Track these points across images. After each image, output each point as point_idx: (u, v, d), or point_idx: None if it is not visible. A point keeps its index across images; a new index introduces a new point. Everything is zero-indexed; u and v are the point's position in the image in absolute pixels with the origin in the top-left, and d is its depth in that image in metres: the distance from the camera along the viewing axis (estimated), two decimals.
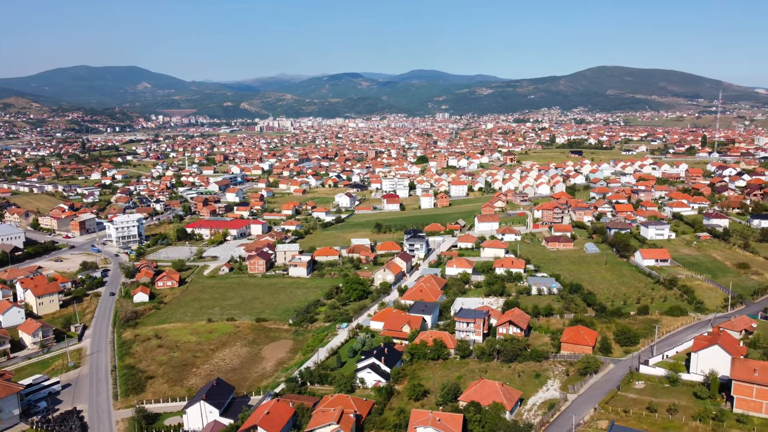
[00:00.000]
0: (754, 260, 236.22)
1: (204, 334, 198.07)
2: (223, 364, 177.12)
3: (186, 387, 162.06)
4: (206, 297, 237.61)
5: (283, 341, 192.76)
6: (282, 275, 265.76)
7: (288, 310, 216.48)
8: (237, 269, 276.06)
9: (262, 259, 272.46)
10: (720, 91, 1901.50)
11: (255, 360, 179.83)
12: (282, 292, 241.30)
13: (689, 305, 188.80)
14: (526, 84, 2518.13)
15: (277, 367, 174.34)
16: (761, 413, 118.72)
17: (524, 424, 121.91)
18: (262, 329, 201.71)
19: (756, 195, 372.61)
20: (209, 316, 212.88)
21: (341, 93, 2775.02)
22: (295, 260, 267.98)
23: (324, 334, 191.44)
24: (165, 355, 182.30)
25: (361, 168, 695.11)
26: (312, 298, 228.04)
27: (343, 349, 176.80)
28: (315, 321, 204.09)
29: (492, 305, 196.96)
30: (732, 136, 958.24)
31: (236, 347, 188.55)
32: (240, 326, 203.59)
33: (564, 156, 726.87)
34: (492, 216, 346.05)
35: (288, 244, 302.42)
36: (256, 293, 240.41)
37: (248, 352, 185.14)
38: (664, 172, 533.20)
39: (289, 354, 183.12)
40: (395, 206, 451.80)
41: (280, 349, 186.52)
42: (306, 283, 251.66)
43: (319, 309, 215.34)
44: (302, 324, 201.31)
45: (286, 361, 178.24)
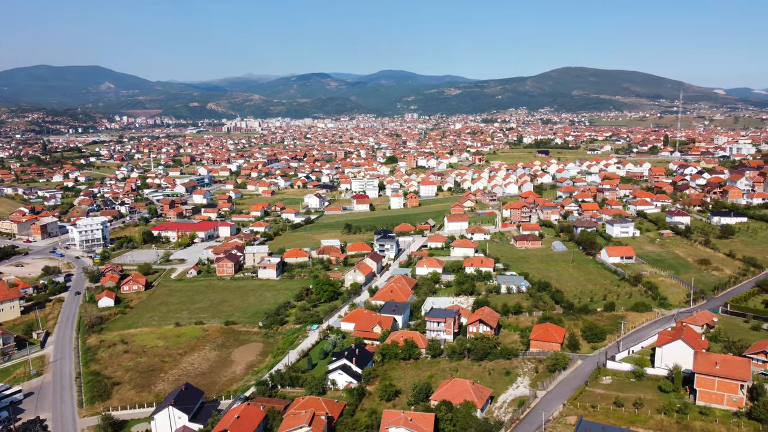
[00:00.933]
0: (714, 256, 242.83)
1: (172, 338, 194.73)
2: (192, 368, 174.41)
3: (154, 393, 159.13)
4: (174, 301, 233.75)
5: (253, 344, 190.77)
6: (251, 277, 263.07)
7: (258, 312, 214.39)
8: (205, 272, 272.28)
9: (231, 262, 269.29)
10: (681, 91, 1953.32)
11: (224, 364, 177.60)
12: (251, 294, 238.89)
13: (653, 301, 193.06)
14: (493, 84, 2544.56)
15: (247, 370, 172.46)
16: (722, 405, 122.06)
17: (495, 421, 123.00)
18: (231, 332, 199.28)
19: (715, 193, 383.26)
20: (177, 320, 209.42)
21: (310, 93, 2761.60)
22: (264, 262, 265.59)
23: (294, 336, 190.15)
24: (132, 361, 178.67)
25: (330, 168, 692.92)
26: (282, 300, 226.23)
27: (313, 350, 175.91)
28: (285, 323, 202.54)
29: (462, 304, 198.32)
30: (692, 135, 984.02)
31: (205, 351, 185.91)
32: (209, 330, 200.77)
33: (531, 156, 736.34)
34: (461, 216, 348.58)
35: (257, 246, 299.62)
36: (225, 296, 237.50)
37: (217, 356, 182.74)
38: (628, 171, 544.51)
39: (259, 357, 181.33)
40: (365, 207, 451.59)
41: (250, 352, 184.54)
42: (276, 285, 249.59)
43: (290, 311, 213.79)
44: (272, 326, 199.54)
45: (256, 364, 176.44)
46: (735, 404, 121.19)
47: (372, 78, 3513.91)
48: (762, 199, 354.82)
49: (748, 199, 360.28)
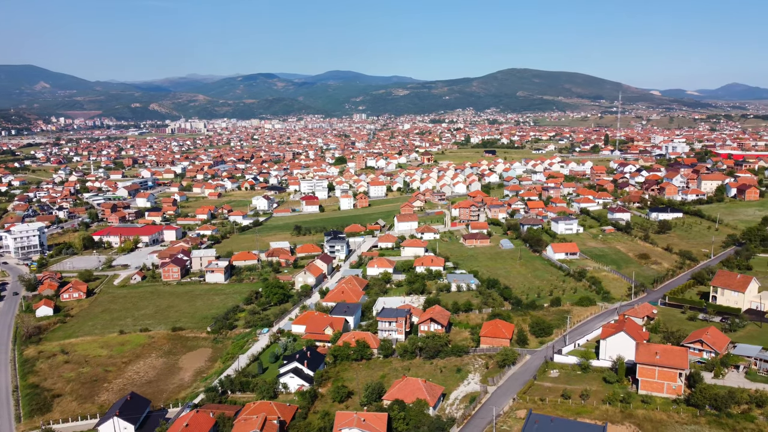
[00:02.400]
0: (653, 251, 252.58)
1: (116, 346, 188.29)
2: (138, 377, 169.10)
3: (97, 404, 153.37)
4: (117, 308, 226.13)
5: (201, 350, 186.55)
6: (198, 282, 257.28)
7: (206, 317, 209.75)
8: (150, 277, 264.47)
9: (177, 266, 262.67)
10: (619, 92, 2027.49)
11: (172, 371, 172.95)
12: (199, 299, 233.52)
13: (597, 295, 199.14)
14: (440, 85, 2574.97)
15: (196, 376, 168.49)
16: (663, 393, 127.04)
17: (447, 418, 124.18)
18: (178, 339, 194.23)
19: (653, 190, 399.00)
20: (121, 327, 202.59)
21: (257, 94, 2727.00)
22: (211, 266, 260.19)
23: (244, 341, 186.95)
24: (73, 372, 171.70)
25: (278, 170, 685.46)
26: (231, 304, 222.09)
27: (264, 354, 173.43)
28: (234, 327, 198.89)
29: (413, 303, 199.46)
30: (631, 135, 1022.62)
31: (151, 359, 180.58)
32: (155, 337, 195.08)
33: (479, 155, 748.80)
34: (411, 215, 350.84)
35: (204, 250, 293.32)
36: (172, 301, 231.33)
37: (164, 363, 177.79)
38: (571, 169, 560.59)
39: (208, 363, 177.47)
40: (314, 208, 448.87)
41: (198, 358, 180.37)
42: (224, 289, 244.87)
43: (239, 315, 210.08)
44: (221, 331, 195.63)
45: (205, 370, 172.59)
46: (674, 392, 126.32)
47: (320, 78, 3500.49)
48: (696, 195, 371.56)
49: (683, 195, 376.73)
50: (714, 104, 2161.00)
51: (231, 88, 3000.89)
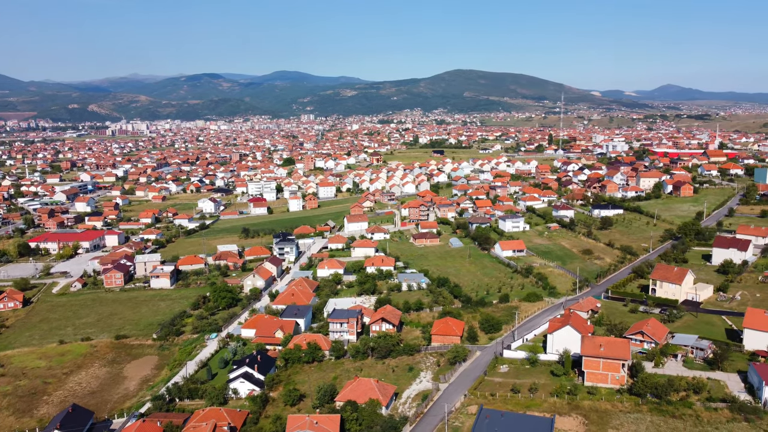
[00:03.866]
0: (596, 246, 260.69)
1: (55, 357, 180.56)
2: (80, 388, 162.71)
3: (36, 417, 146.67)
4: (56, 317, 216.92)
5: (147, 357, 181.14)
6: (143, 287, 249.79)
7: (151, 324, 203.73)
8: (92, 284, 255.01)
9: (120, 272, 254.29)
10: (562, 93, 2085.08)
11: (116, 380, 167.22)
12: (144, 305, 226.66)
13: (544, 291, 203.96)
14: (388, 86, 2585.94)
15: (142, 385, 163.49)
16: (607, 384, 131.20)
17: (400, 417, 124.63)
18: (122, 347, 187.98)
19: (595, 187, 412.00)
20: (61, 337, 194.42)
21: (201, 94, 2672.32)
22: (156, 271, 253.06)
23: (192, 347, 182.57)
24: (9, 385, 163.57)
25: (225, 172, 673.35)
26: (177, 309, 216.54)
27: (213, 360, 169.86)
28: (182, 333, 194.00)
29: (364, 304, 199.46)
30: (574, 134, 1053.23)
31: (94, 368, 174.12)
32: (97, 345, 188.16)
33: (427, 155, 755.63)
34: (361, 216, 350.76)
35: (148, 255, 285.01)
36: (115, 309, 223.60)
37: (108, 373, 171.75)
38: (517, 168, 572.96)
39: (155, 370, 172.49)
40: (263, 210, 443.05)
41: (144, 367, 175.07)
42: (170, 295, 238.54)
43: (186, 320, 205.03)
44: (168, 338, 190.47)
45: (151, 378, 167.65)
46: (618, 382, 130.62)
47: (266, 79, 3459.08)
48: (635, 192, 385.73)
49: (624, 192, 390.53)
50: (650, 105, 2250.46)
51: (174, 88, 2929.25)
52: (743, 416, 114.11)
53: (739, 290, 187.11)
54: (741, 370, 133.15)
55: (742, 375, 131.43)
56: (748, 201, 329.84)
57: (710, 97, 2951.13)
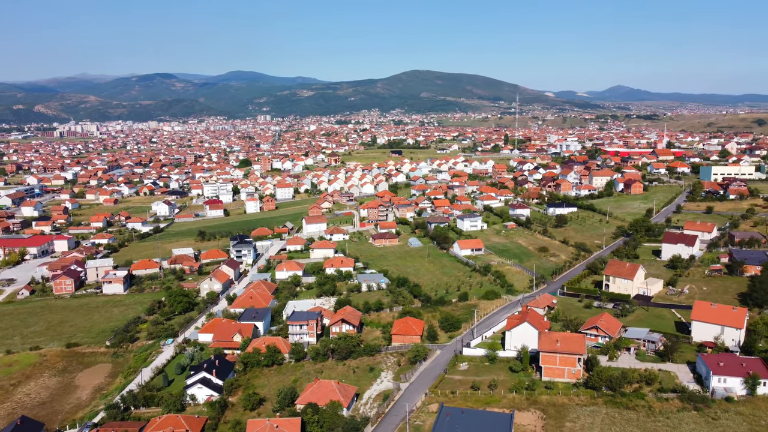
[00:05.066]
0: (551, 244, 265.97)
1: (2, 368, 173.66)
2: (29, 399, 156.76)
3: None
4: (3, 326, 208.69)
5: (100, 366, 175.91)
6: (95, 294, 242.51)
7: (104, 331, 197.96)
8: (40, 291, 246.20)
9: (70, 278, 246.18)
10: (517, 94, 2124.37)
11: (68, 390, 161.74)
12: (96, 312, 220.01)
13: (502, 289, 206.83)
14: (345, 86, 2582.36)
15: (95, 394, 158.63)
16: (564, 378, 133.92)
17: (361, 418, 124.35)
18: (74, 355, 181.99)
19: (550, 186, 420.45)
20: (7, 347, 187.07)
21: (154, 95, 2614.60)
22: (109, 276, 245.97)
23: (147, 353, 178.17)
24: None
25: (179, 174, 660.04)
26: (131, 315, 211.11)
27: (169, 366, 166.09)
28: (136, 340, 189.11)
29: (324, 305, 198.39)
30: (529, 134, 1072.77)
31: (44, 378, 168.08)
32: (47, 355, 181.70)
33: (385, 156, 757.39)
34: (320, 217, 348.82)
35: (100, 260, 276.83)
36: (65, 316, 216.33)
37: (59, 383, 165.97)
38: (474, 168, 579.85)
39: (108, 379, 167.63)
40: (219, 212, 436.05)
41: (97, 375, 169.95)
42: (123, 300, 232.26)
43: (141, 326, 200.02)
44: (121, 344, 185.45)
45: (104, 386, 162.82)
46: (574, 376, 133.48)
47: (221, 79, 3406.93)
48: (588, 190, 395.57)
49: (577, 191, 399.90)
50: (602, 105, 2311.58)
51: (126, 88, 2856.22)
52: (692, 405, 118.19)
53: (687, 284, 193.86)
54: (690, 361, 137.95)
55: (690, 366, 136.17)
56: (695, 198, 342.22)
57: (658, 97, 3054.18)
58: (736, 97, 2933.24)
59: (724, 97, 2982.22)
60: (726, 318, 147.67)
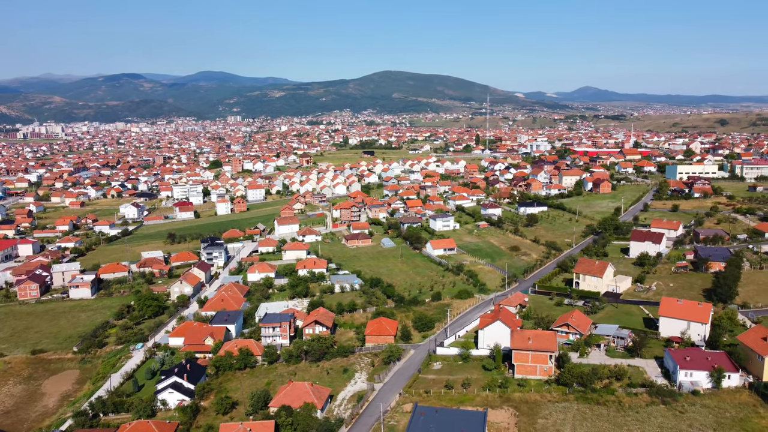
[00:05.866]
0: (523, 243, 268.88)
1: None
2: None
3: None
4: None
5: (67, 372, 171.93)
6: (61, 299, 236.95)
7: (71, 336, 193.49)
8: (3, 297, 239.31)
9: (35, 283, 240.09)
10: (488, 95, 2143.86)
11: (33, 398, 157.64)
12: (62, 317, 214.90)
13: (474, 288, 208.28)
14: (317, 87, 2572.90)
15: (62, 401, 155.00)
16: (536, 375, 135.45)
17: (335, 419, 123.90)
18: (40, 362, 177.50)
19: (521, 186, 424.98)
20: None
21: (121, 95, 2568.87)
22: (76, 281, 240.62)
23: (116, 358, 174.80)
24: None
25: (148, 175, 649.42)
26: (99, 320, 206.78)
27: (139, 371, 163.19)
28: (105, 345, 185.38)
29: (297, 307, 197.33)
30: (500, 134, 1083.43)
31: (8, 386, 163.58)
32: (11, 362, 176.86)
33: (357, 156, 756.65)
34: (292, 218, 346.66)
35: (66, 264, 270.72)
36: (30, 322, 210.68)
37: (24, 390, 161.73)
38: (446, 168, 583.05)
39: (76, 385, 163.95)
40: (189, 214, 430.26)
41: (64, 382, 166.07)
42: (91, 305, 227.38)
43: (109, 331, 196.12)
44: (89, 350, 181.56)
45: (72, 393, 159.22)
46: (546, 373, 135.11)
47: (190, 79, 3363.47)
48: (558, 189, 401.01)
49: (548, 190, 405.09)
50: (570, 106, 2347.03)
51: (92, 89, 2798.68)
52: (660, 399, 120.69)
53: (654, 281, 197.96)
54: (658, 356, 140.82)
55: (658, 360, 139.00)
56: (661, 196, 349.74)
57: (625, 98, 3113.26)
58: (700, 98, 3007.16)
59: (688, 97, 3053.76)
60: (692, 313, 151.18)
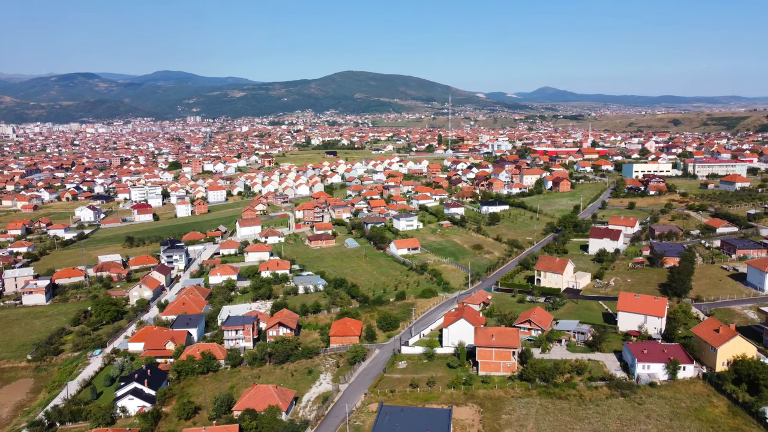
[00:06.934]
0: (485, 241, 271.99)
1: None
2: None
3: None
4: None
5: (21, 381, 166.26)
6: (14, 305, 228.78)
7: (25, 344, 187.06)
8: None
9: None
10: (449, 95, 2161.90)
11: None
12: (15, 324, 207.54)
13: (438, 287, 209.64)
14: (278, 87, 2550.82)
15: (16, 411, 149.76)
16: (500, 372, 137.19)
17: (301, 421, 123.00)
18: None
19: (483, 185, 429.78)
20: None
21: (76, 95, 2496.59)
22: (29, 286, 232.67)
23: (73, 366, 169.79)
24: None
25: (105, 177, 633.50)
26: (55, 327, 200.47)
27: (98, 378, 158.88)
28: (61, 352, 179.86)
29: (260, 309, 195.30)
30: (461, 134, 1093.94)
31: None
32: None
33: (320, 157, 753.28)
34: (254, 219, 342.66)
35: (19, 269, 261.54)
36: None
37: None
38: (409, 168, 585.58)
39: (31, 394, 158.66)
40: (148, 217, 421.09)
41: (17, 391, 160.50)
42: (46, 311, 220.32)
43: (65, 338, 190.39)
44: (45, 358, 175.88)
45: (26, 403, 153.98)
46: (509, 369, 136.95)
47: (148, 79, 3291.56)
48: (519, 188, 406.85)
49: (509, 189, 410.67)
50: (530, 106, 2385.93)
51: (44, 88, 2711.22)
52: (620, 392, 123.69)
53: (613, 276, 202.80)
54: (617, 350, 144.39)
55: (617, 354, 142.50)
56: (618, 194, 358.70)
57: (582, 98, 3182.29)
58: (654, 98, 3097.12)
59: (643, 98, 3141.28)
60: (648, 307, 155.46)
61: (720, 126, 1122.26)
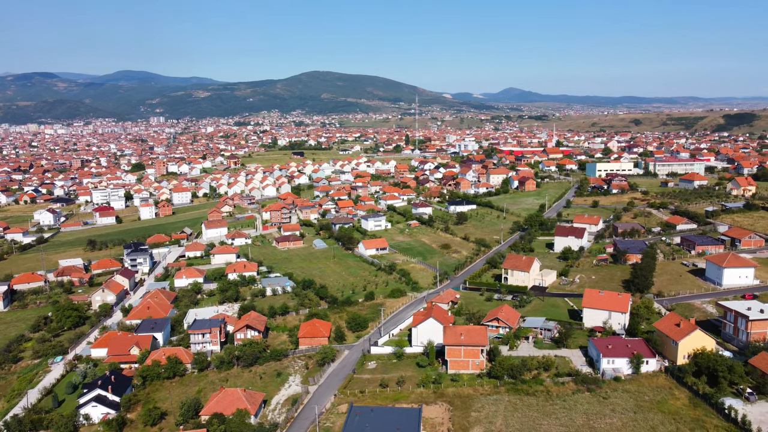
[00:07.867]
0: (453, 241, 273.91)
1: None
2: None
3: None
4: None
5: None
6: None
7: None
8: None
9: None
10: (416, 95, 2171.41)
11: None
12: None
13: (407, 286, 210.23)
14: (244, 87, 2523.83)
15: None
16: (469, 370, 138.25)
17: (270, 424, 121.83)
18: None
19: (450, 185, 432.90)
20: None
21: (33, 95, 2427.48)
22: None
23: (33, 373, 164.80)
24: None
25: (65, 180, 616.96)
26: (13, 333, 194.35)
27: (59, 385, 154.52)
28: (20, 360, 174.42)
29: (228, 312, 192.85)
30: (429, 134, 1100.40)
31: None
32: None
33: (287, 157, 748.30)
34: (220, 221, 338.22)
35: None
36: None
37: None
38: (377, 168, 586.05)
39: None
40: (111, 219, 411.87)
41: None
42: (4, 318, 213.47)
43: (25, 345, 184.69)
44: (3, 366, 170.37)
45: None
46: (478, 367, 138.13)
47: (109, 79, 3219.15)
48: (486, 188, 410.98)
49: (476, 189, 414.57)
50: (496, 106, 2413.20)
51: (0, 88, 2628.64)
52: (586, 387, 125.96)
53: (578, 274, 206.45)
54: (582, 346, 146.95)
55: (583, 350, 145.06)
56: (582, 193, 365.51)
57: (547, 99, 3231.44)
58: (616, 99, 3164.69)
59: (605, 99, 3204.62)
60: (612, 304, 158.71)
61: (679, 126, 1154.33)
